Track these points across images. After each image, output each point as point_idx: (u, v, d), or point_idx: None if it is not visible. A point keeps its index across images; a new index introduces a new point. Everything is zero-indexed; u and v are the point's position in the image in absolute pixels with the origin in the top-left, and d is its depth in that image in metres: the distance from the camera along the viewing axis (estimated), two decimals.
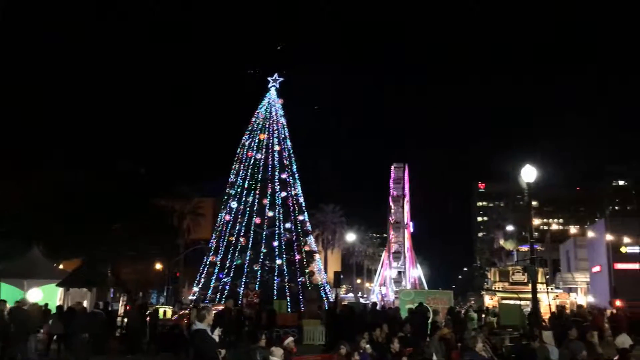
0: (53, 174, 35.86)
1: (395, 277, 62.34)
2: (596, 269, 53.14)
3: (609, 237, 49.25)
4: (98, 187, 39.23)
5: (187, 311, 27.96)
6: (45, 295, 23.49)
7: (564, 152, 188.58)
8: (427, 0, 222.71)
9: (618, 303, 34.96)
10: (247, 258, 37.74)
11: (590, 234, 57.61)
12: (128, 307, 25.85)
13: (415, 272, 65.47)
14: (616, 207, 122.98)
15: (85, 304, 23.50)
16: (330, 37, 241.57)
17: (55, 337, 20.00)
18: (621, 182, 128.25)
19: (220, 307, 23.65)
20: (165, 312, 31.32)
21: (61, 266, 32.95)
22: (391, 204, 66.14)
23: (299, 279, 38.16)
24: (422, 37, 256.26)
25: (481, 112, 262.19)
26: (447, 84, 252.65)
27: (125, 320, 23.76)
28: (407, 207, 66.18)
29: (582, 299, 53.52)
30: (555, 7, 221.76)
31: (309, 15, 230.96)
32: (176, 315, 27.88)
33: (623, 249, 48.59)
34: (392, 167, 67.28)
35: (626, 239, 48.61)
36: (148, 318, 23.04)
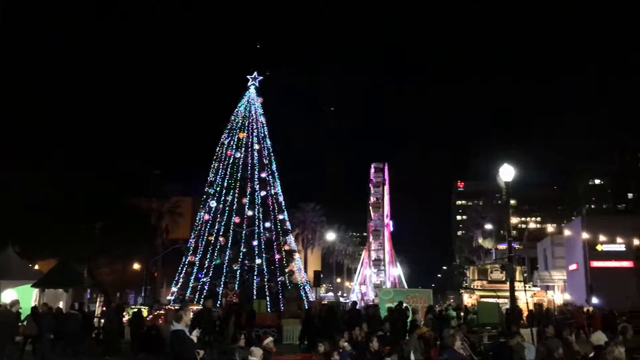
0: (42, 174, 35.49)
1: (376, 283, 62.31)
2: (573, 267, 53.87)
3: (585, 235, 49.94)
4: (79, 187, 38.80)
5: (161, 311, 27.72)
6: (20, 296, 23.07)
7: (560, 153, 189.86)
8: (427, 0, 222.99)
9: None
10: (227, 257, 37.49)
11: (567, 232, 58.39)
12: (104, 308, 25.55)
13: (395, 271, 65.52)
14: (592, 206, 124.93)
15: (61, 304, 23.18)
16: (330, 37, 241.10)
17: (30, 339, 19.68)
18: (597, 181, 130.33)
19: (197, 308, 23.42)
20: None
21: (36, 267, 32.50)
22: (371, 211, 65.41)
23: (278, 279, 38.02)
24: (422, 37, 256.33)
25: (481, 112, 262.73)
26: (447, 84, 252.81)
27: (102, 321, 23.47)
28: (387, 198, 65.67)
29: (559, 296, 54.23)
30: (555, 7, 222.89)
31: (309, 15, 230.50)
32: (151, 316, 27.62)
33: (599, 247, 49.33)
34: (372, 167, 66.50)
35: (602, 237, 49.34)
36: (126, 318, 22.73)
